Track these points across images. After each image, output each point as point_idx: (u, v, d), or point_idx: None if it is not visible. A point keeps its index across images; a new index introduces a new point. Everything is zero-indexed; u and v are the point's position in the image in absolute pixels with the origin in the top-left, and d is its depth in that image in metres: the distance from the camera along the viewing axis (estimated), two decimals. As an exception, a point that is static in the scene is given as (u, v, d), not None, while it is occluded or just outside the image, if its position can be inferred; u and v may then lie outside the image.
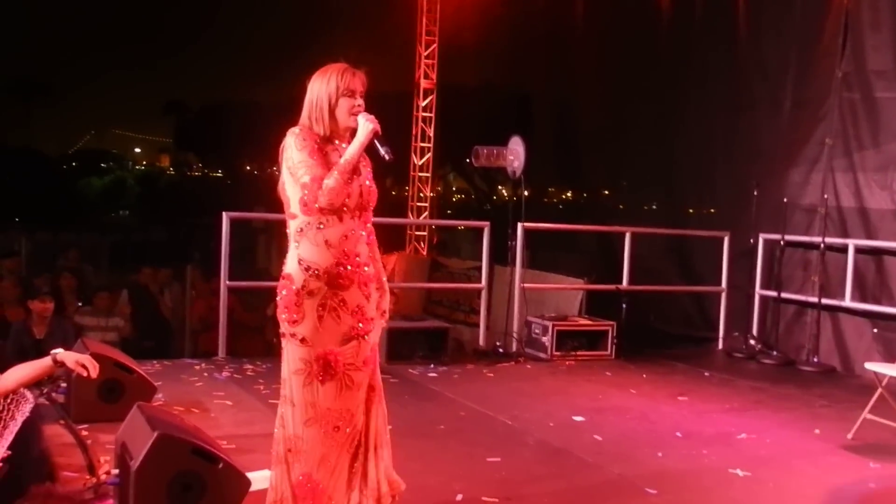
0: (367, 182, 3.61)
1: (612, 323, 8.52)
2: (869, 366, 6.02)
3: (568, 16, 12.37)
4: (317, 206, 3.43)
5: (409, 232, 14.94)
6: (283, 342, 3.54)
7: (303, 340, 3.46)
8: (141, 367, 5.83)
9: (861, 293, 8.14)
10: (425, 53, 14.59)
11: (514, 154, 9.10)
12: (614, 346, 8.43)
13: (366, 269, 3.57)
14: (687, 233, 10.03)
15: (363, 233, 3.59)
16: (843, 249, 8.22)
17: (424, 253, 14.76)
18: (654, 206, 11.62)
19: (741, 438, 5.74)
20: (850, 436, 5.78)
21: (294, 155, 3.48)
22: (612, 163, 11.86)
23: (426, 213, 14.72)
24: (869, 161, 8.25)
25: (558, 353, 8.24)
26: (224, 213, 7.67)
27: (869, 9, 8.24)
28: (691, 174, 10.31)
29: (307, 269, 3.45)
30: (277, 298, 3.53)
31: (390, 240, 15.14)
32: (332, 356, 3.46)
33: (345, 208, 3.49)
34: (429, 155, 14.69)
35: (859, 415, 5.81)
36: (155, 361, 7.36)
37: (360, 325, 3.52)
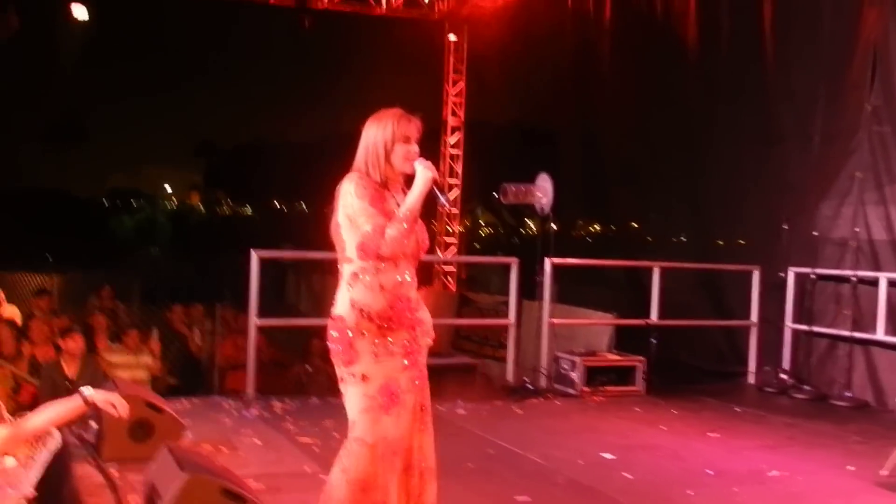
0: (421, 229, 3.69)
1: (641, 358, 8.47)
2: (903, 401, 5.94)
3: (594, 51, 12.42)
4: (377, 253, 3.50)
5: (437, 267, 14.96)
6: (342, 386, 3.59)
7: (363, 378, 3.52)
8: (170, 405, 5.85)
9: (894, 327, 8.03)
10: (453, 91, 14.71)
11: (543, 191, 9.11)
12: (644, 382, 8.37)
13: (417, 311, 3.64)
14: (716, 267, 9.96)
15: (414, 278, 3.68)
16: (875, 283, 8.14)
17: (453, 288, 14.77)
18: (684, 239, 11.56)
19: (773, 476, 5.67)
20: (884, 472, 5.67)
21: (354, 202, 3.53)
22: (641, 196, 11.82)
23: (454, 248, 14.74)
24: (900, 194, 8.18)
25: (587, 389, 8.19)
26: (253, 251, 7.71)
27: (897, 42, 8.21)
28: (720, 207, 10.26)
29: (360, 311, 3.52)
30: (328, 342, 3.59)
31: (418, 275, 15.18)
32: (394, 384, 3.52)
33: (401, 256, 3.57)
34: (457, 191, 14.74)
35: (893, 451, 5.71)
36: (184, 399, 7.38)
37: (409, 354, 3.59)
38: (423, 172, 3.57)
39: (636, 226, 13.03)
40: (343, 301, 3.55)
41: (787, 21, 9.37)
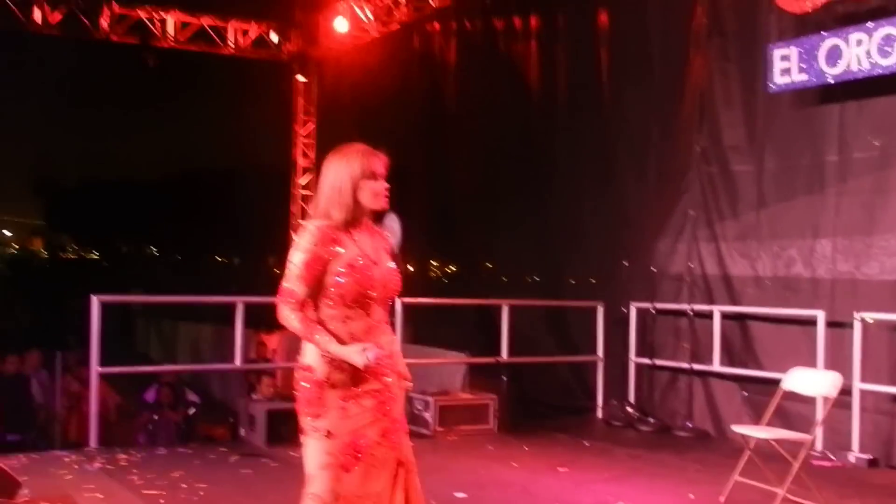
0: (390, 268, 3.52)
1: (493, 396, 8.59)
2: (736, 428, 6.24)
3: (442, 92, 12.66)
4: (332, 301, 3.35)
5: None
6: (303, 438, 3.41)
7: (328, 434, 3.34)
8: (5, 461, 5.59)
9: (729, 358, 8.44)
10: (303, 132, 14.69)
11: (390, 230, 9.15)
12: (496, 420, 8.49)
13: (388, 359, 3.46)
14: (562, 303, 10.24)
15: (386, 321, 3.52)
16: (710, 316, 8.53)
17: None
18: (537, 278, 11.83)
19: (618, 507, 5.84)
20: (722, 498, 5.94)
21: (294, 254, 3.37)
22: (493, 236, 12.05)
23: (307, 290, 14.62)
24: (729, 230, 8.64)
25: (441, 429, 8.25)
26: (93, 296, 7.46)
27: (721, 89, 8.71)
28: (566, 245, 10.58)
29: (331, 361, 3.34)
30: (296, 392, 3.41)
31: (273, 318, 14.97)
32: (361, 439, 3.35)
33: (370, 300, 3.42)
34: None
35: (731, 478, 5.98)
36: (21, 455, 7.05)
37: (383, 405, 3.42)
38: (360, 358, 3.29)
39: (490, 266, 13.25)
40: (311, 350, 3.37)
41: (621, 66, 9.83)
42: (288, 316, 3.35)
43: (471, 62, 12.14)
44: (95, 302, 7.45)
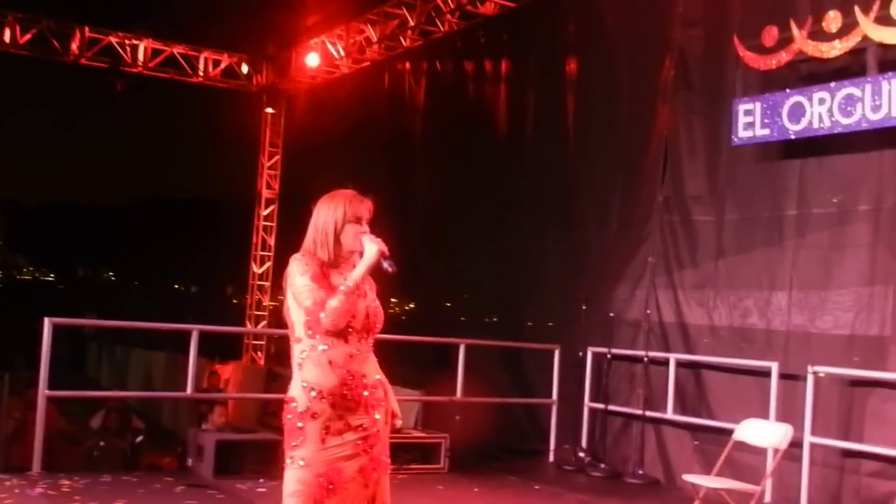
0: (374, 304, 3.63)
1: (445, 435, 8.54)
2: (687, 477, 6.25)
3: (409, 131, 12.72)
4: (321, 327, 3.44)
5: (246, 341, 14.67)
6: (285, 467, 3.48)
7: (303, 463, 3.41)
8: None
9: (682, 406, 8.46)
10: (268, 163, 14.68)
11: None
12: (447, 459, 8.43)
13: (375, 391, 3.56)
14: (519, 345, 10.23)
15: (370, 353, 3.59)
16: (665, 363, 8.56)
17: (262, 363, 14.51)
18: (495, 319, 11.82)
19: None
20: (669, 547, 5.93)
21: (297, 280, 3.51)
22: (453, 275, 12.05)
23: (264, 322, 14.52)
24: (688, 279, 8.71)
25: (392, 466, 8.13)
26: (46, 319, 7.34)
27: (686, 140, 8.83)
28: (526, 287, 10.60)
29: (311, 390, 3.43)
30: (283, 423, 3.48)
31: (227, 348, 14.83)
32: (336, 473, 3.42)
33: (350, 329, 3.50)
34: (269, 264, 14.61)
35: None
36: (-40, 477, 6.87)
37: (365, 441, 3.50)
38: (371, 246, 3.57)
39: (449, 305, 13.22)
40: (295, 382, 3.49)
41: (588, 113, 9.94)
42: (330, 313, 3.44)
43: (439, 103, 12.22)
44: (47, 324, 7.33)
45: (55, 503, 6.31)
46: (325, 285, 3.51)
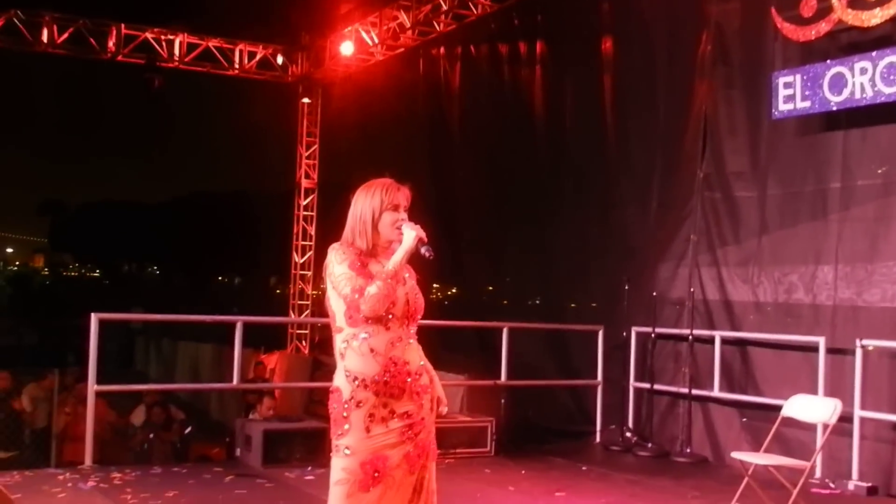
0: (414, 291, 3.64)
1: (490, 419, 8.55)
2: (735, 455, 6.20)
3: (447, 117, 12.68)
4: (360, 315, 3.45)
5: (290, 331, 14.77)
6: (332, 456, 3.51)
7: (347, 450, 3.44)
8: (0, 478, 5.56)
9: (729, 383, 8.40)
10: (306, 154, 14.73)
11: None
12: (494, 443, 8.44)
13: (419, 378, 3.57)
14: (562, 327, 10.21)
15: (412, 341, 3.60)
16: (711, 341, 8.50)
17: (306, 352, 14.61)
18: (538, 301, 11.81)
19: (615, 532, 5.79)
20: (720, 526, 5.89)
21: (335, 269, 3.53)
22: (495, 260, 12.04)
23: (308, 311, 14.62)
24: (731, 256, 8.62)
25: (438, 451, 8.17)
26: (92, 314, 7.44)
27: (726, 116, 8.72)
28: (568, 270, 10.56)
29: (354, 379, 3.46)
30: (329, 413, 3.52)
31: (272, 338, 14.95)
32: (381, 461, 3.45)
33: (391, 316, 3.51)
34: (310, 253, 14.68)
35: (728, 504, 5.94)
36: (15, 472, 7.01)
37: (410, 430, 3.52)
38: (409, 232, 3.57)
39: (491, 289, 13.22)
40: (339, 372, 3.51)
41: (626, 92, 9.85)
42: (369, 299, 3.44)
43: (475, 87, 12.16)
44: (94, 320, 7.43)
45: (107, 496, 6.40)
46: (363, 273, 3.51)
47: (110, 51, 12.74)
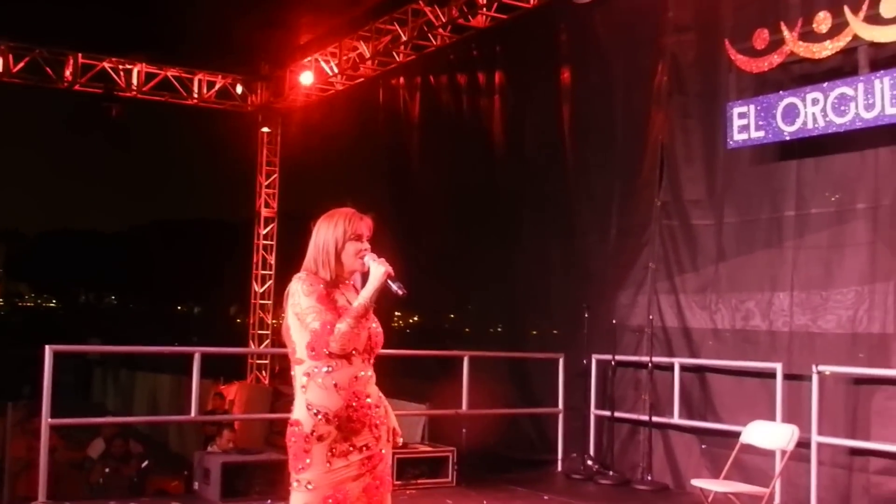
0: (375, 325, 3.61)
1: (451, 448, 8.52)
2: (696, 482, 6.23)
3: (407, 146, 12.73)
4: (326, 351, 3.42)
5: (250, 360, 14.66)
6: (291, 490, 3.47)
7: (308, 485, 3.41)
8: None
9: (688, 410, 8.44)
10: (266, 183, 14.70)
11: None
12: (455, 473, 8.41)
13: (377, 410, 3.57)
14: (523, 355, 10.22)
15: (371, 374, 3.58)
16: (670, 368, 8.54)
17: (266, 382, 14.49)
18: (500, 329, 11.82)
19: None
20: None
21: (302, 300, 3.48)
22: (457, 288, 12.05)
23: (268, 340, 14.52)
24: (689, 283, 8.70)
25: (399, 483, 8.12)
26: (47, 347, 7.31)
27: (682, 144, 8.83)
28: (530, 298, 10.60)
29: (317, 413, 3.43)
30: (288, 446, 3.48)
31: (232, 369, 14.82)
32: (342, 494, 3.42)
33: (354, 351, 3.48)
34: (270, 282, 14.61)
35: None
36: (-33, 509, 6.86)
37: (369, 461, 3.50)
38: (377, 268, 3.56)
39: (453, 317, 13.21)
40: (299, 404, 3.48)
41: (584, 122, 9.95)
42: (339, 337, 3.42)
43: (435, 116, 12.24)
44: (49, 352, 7.29)
45: (63, 531, 6.29)
46: (330, 307, 3.49)
47: (67, 80, 12.66)
